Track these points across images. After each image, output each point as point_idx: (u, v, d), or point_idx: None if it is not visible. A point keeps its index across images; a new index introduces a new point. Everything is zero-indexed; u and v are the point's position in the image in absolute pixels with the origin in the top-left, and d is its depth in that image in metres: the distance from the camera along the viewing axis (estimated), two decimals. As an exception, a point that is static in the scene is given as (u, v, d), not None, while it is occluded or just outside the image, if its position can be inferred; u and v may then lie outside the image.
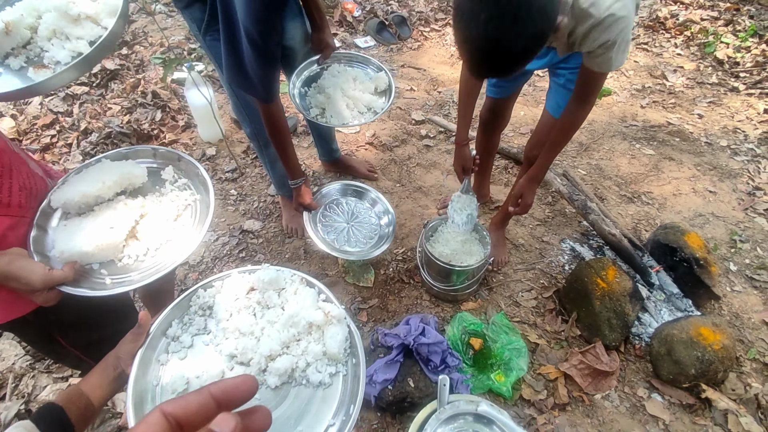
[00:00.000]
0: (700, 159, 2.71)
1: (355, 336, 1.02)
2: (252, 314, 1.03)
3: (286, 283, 1.08)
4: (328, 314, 1.02)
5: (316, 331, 1.02)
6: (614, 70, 1.29)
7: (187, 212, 1.15)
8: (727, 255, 2.21)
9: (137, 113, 2.85)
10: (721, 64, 3.43)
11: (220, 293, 1.05)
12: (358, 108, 1.79)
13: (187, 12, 1.56)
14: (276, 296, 1.05)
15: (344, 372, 0.99)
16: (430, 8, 4.03)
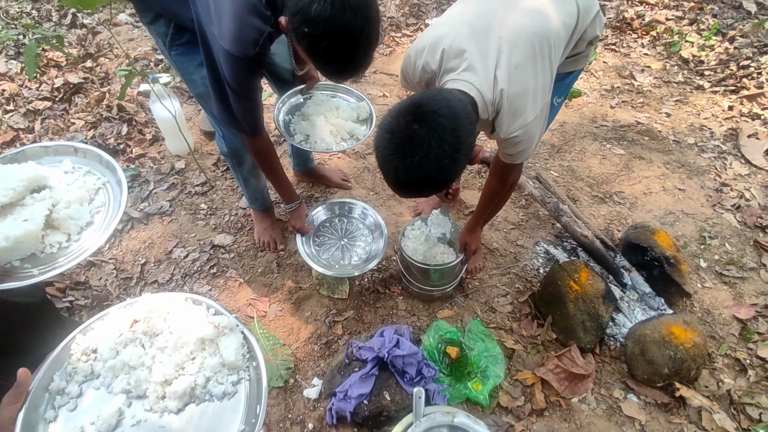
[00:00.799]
0: (669, 157, 2.75)
1: (251, 340, 1.04)
2: (140, 345, 1.01)
3: (171, 306, 1.07)
4: (218, 326, 1.03)
5: (210, 345, 1.02)
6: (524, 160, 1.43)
7: (100, 195, 1.17)
8: (697, 252, 2.25)
9: (102, 128, 2.78)
10: (686, 63, 3.50)
11: (102, 333, 1.01)
12: (341, 134, 1.86)
13: (152, 27, 1.56)
14: (162, 321, 1.04)
15: (247, 377, 1.01)
16: (401, 13, 4.03)
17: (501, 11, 1.29)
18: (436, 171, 1.11)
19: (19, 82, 3.08)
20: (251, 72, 1.39)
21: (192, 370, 0.99)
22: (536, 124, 1.30)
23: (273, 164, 1.78)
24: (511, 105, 1.24)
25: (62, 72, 3.15)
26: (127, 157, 2.65)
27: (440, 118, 1.08)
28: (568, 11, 1.35)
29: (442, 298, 2.01)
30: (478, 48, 1.24)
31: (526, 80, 1.24)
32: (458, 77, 1.24)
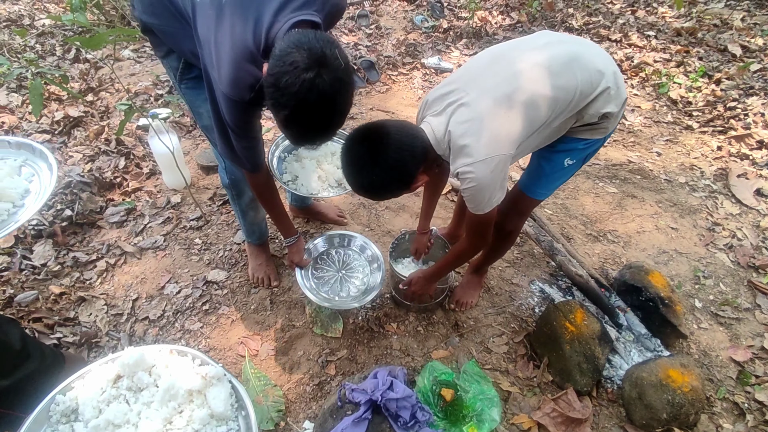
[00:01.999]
0: (661, 196, 2.79)
1: (239, 390, 1.03)
2: (124, 402, 0.99)
3: (155, 359, 1.04)
4: (206, 376, 1.01)
5: (198, 396, 1.00)
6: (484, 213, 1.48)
7: (26, 169, 1.28)
8: (692, 291, 2.25)
9: (100, 161, 2.80)
10: (675, 104, 3.59)
11: (83, 392, 0.98)
12: (329, 181, 1.92)
13: (165, 60, 1.64)
14: (147, 376, 1.02)
15: (236, 428, 0.99)
16: (398, 53, 4.14)
17: (486, 73, 1.44)
18: (368, 184, 1.40)
19: (20, 115, 3.12)
20: (248, 114, 1.42)
21: (180, 425, 0.96)
22: (485, 165, 1.35)
23: (273, 199, 1.80)
24: (456, 143, 1.38)
25: (63, 105, 3.19)
26: (123, 191, 2.66)
27: (383, 145, 1.34)
28: (560, 84, 1.38)
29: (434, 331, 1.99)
30: (447, 100, 1.44)
31: (476, 127, 1.35)
32: (425, 120, 1.49)
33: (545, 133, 1.48)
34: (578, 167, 1.68)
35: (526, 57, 1.43)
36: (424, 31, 4.53)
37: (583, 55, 1.43)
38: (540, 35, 1.56)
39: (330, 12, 1.40)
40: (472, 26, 4.46)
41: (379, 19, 4.72)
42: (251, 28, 1.27)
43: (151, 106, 3.27)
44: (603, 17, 4.75)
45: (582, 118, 1.48)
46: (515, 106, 1.36)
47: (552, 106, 1.39)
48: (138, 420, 0.96)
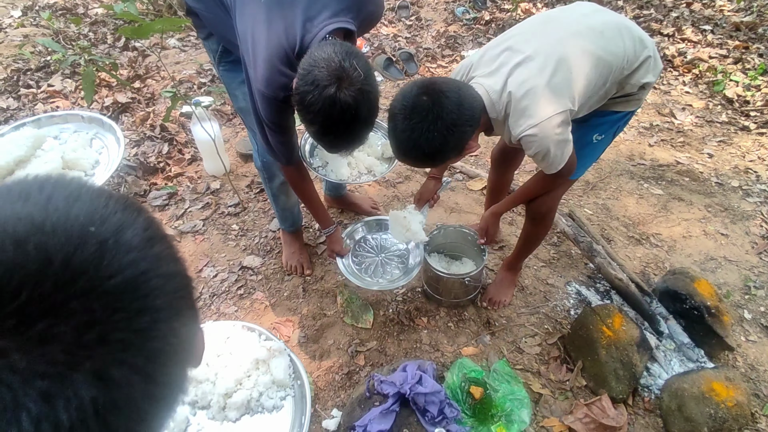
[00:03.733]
0: (711, 200, 2.65)
1: (296, 362, 1.22)
2: (205, 364, 1.18)
3: (230, 332, 1.26)
4: (270, 349, 1.21)
5: (263, 365, 1.20)
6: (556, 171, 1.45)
7: (96, 142, 1.40)
8: (741, 302, 2.13)
9: (145, 146, 2.89)
10: (730, 103, 3.39)
11: None
12: (359, 168, 1.90)
13: (206, 42, 1.73)
14: (223, 344, 1.24)
15: (293, 394, 1.18)
16: (437, 45, 4.09)
17: (540, 32, 1.43)
18: (424, 140, 1.30)
19: (73, 100, 3.26)
20: (282, 111, 1.44)
21: (248, 386, 1.15)
22: (549, 124, 1.33)
23: (307, 191, 1.82)
24: (517, 104, 1.34)
25: (112, 92, 3.32)
26: (165, 176, 2.75)
27: (445, 99, 1.28)
28: (612, 49, 1.39)
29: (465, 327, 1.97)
30: (500, 59, 1.40)
31: (538, 85, 1.32)
32: (475, 81, 1.44)
33: (594, 98, 1.45)
34: (607, 143, 1.67)
35: (581, 20, 1.43)
36: (465, 23, 4.45)
37: (629, 24, 1.47)
38: (584, 4, 1.56)
39: (365, 19, 1.43)
40: (515, 18, 4.35)
41: (420, 11, 4.66)
42: (287, 30, 1.29)
43: (195, 94, 3.35)
44: (655, 10, 4.52)
45: (623, 88, 1.49)
46: (574, 64, 1.35)
47: (606, 70, 1.39)
48: (215, 379, 1.15)
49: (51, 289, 0.28)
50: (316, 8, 1.28)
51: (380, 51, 3.88)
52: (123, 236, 0.33)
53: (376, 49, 3.93)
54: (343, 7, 1.31)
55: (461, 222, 2.45)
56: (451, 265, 2.16)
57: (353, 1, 1.34)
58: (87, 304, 0.29)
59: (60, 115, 1.44)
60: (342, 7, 1.31)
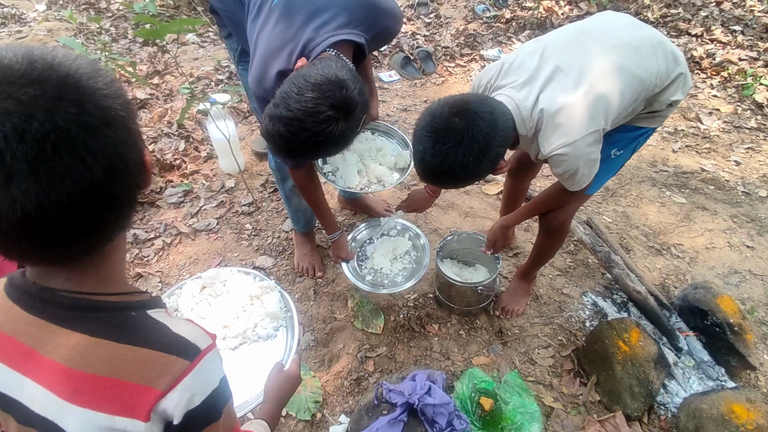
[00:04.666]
0: (737, 210, 2.56)
1: (286, 297, 1.36)
2: (208, 304, 1.35)
3: (228, 276, 1.41)
4: (262, 287, 1.37)
5: (256, 300, 1.35)
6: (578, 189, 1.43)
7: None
8: (766, 318, 2.05)
9: (162, 143, 2.92)
10: (760, 108, 3.27)
11: (181, 297, 1.36)
12: (369, 177, 1.86)
13: (227, 41, 1.79)
14: (222, 286, 1.38)
15: (284, 325, 1.32)
16: (456, 44, 4.03)
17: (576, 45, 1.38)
18: (458, 164, 1.25)
19: (93, 95, 3.30)
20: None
21: (244, 318, 1.30)
22: (583, 143, 1.29)
23: (315, 195, 1.82)
24: (551, 122, 1.30)
25: (131, 87, 3.35)
26: (182, 173, 2.76)
27: (479, 120, 1.23)
28: (646, 66, 1.35)
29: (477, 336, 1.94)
30: (530, 70, 1.35)
31: (573, 102, 1.28)
32: (502, 92, 1.38)
33: (623, 114, 1.40)
34: (626, 158, 1.63)
35: (618, 35, 1.38)
36: (486, 21, 4.38)
37: (663, 39, 1.42)
38: (620, 16, 1.50)
39: (379, 34, 1.40)
40: (536, 17, 4.26)
41: (439, 8, 4.60)
42: (290, 35, 1.28)
43: (212, 91, 3.37)
44: (683, 9, 4.38)
45: (651, 105, 1.45)
46: (609, 81, 1.31)
47: (639, 87, 1.35)
48: (217, 315, 1.30)
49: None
50: (325, 18, 1.27)
51: (398, 49, 3.84)
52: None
53: (394, 47, 3.89)
54: (354, 19, 1.29)
55: (475, 227, 2.42)
56: (464, 271, 2.13)
57: (366, 15, 1.31)
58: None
59: None
60: (352, 19, 1.29)
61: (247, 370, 1.21)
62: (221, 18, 1.64)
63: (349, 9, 1.29)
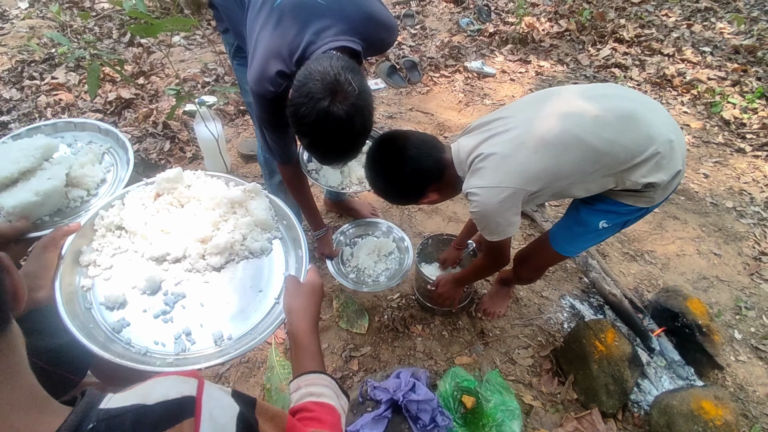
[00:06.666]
0: (705, 219, 2.68)
1: (277, 202, 1.16)
2: (168, 214, 1.06)
3: (191, 179, 1.14)
4: (245, 190, 1.12)
5: (239, 207, 1.10)
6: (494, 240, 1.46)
7: (107, 157, 1.30)
8: (732, 322, 2.16)
9: (146, 143, 2.90)
10: (727, 125, 3.45)
11: (125, 209, 1.07)
12: (350, 178, 1.92)
13: (224, 36, 1.80)
14: (187, 190, 1.11)
15: (280, 235, 1.12)
16: (441, 54, 4.12)
17: (532, 107, 1.43)
18: (379, 187, 1.51)
19: (76, 93, 3.27)
20: (271, 110, 1.43)
21: (228, 229, 1.04)
22: (494, 193, 1.33)
23: (302, 191, 1.84)
24: (475, 165, 1.38)
25: (116, 87, 3.32)
26: (166, 173, 2.75)
27: (398, 154, 1.41)
28: (604, 136, 1.30)
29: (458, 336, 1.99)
30: (487, 126, 1.44)
31: (500, 154, 1.34)
32: (455, 141, 1.50)
33: (582, 183, 1.37)
34: (614, 232, 1.57)
35: (579, 103, 1.36)
36: (469, 34, 4.50)
37: (640, 116, 1.33)
38: (604, 86, 1.49)
39: (374, 43, 1.44)
40: (518, 32, 4.40)
41: (425, 20, 4.71)
42: (291, 36, 1.31)
43: (198, 93, 3.36)
44: (656, 30, 4.59)
45: (623, 183, 1.36)
46: (548, 145, 1.30)
47: (591, 155, 1.31)
48: (187, 228, 1.02)
49: None
50: (325, 23, 1.30)
51: (384, 58, 3.91)
52: None
53: (380, 56, 3.96)
54: (352, 28, 1.33)
55: (458, 231, 2.47)
56: (442, 272, 2.18)
57: (364, 26, 1.36)
58: None
59: (78, 123, 1.34)
60: (350, 28, 1.33)
61: (243, 293, 0.99)
62: (219, 13, 1.67)
63: (349, 18, 1.34)
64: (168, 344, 0.92)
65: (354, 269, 2.02)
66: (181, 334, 0.93)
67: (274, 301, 0.98)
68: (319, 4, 1.32)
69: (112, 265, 1.00)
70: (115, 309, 0.95)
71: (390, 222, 2.17)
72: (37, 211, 1.10)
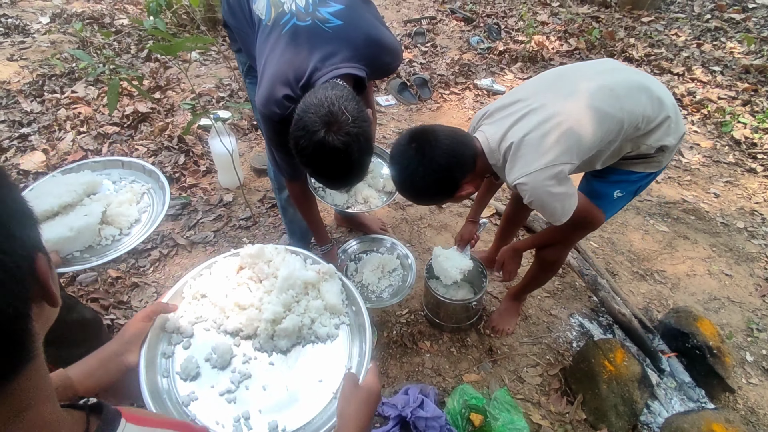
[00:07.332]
0: (716, 239, 2.67)
1: (349, 287, 1.14)
2: (248, 289, 1.09)
3: (272, 255, 1.16)
4: (319, 272, 1.12)
5: (312, 289, 1.11)
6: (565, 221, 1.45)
7: (146, 197, 1.35)
8: (743, 344, 2.14)
9: (162, 156, 2.96)
10: (738, 144, 3.44)
11: (211, 279, 1.12)
12: (356, 197, 1.94)
13: (238, 55, 1.88)
14: (266, 267, 1.13)
15: (347, 321, 1.10)
16: (451, 72, 4.18)
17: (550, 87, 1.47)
18: (409, 184, 1.44)
19: (95, 107, 3.35)
20: (278, 131, 1.47)
21: (298, 311, 1.06)
22: (542, 174, 1.34)
23: (309, 208, 1.89)
24: (515, 154, 1.38)
25: (133, 101, 3.41)
26: (180, 186, 2.80)
27: (431, 148, 1.38)
28: (623, 107, 1.39)
29: (467, 354, 1.99)
30: (508, 110, 1.46)
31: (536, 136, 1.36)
32: (479, 130, 1.51)
33: (606, 153, 1.47)
34: (627, 200, 1.67)
35: (593, 78, 1.46)
36: (479, 52, 4.56)
37: (647, 83, 1.46)
38: (603, 61, 1.59)
39: (379, 68, 1.49)
40: (528, 50, 4.45)
41: (435, 38, 4.78)
42: (298, 62, 1.37)
43: (213, 108, 3.43)
44: (666, 49, 4.62)
45: (638, 148, 1.48)
46: (577, 119, 1.37)
47: (614, 126, 1.39)
48: (260, 305, 1.05)
49: None
50: (330, 50, 1.35)
51: (395, 75, 3.97)
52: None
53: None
54: (357, 54, 1.38)
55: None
56: (448, 289, 2.17)
57: (368, 52, 1.41)
58: None
59: (126, 161, 1.41)
60: (355, 54, 1.38)
61: (304, 380, 0.99)
62: (233, 33, 1.73)
63: (354, 44, 1.38)
64: (227, 426, 0.93)
65: (358, 285, 2.03)
66: (240, 417, 0.94)
67: (332, 396, 0.98)
68: (325, 31, 1.37)
69: (192, 334, 1.04)
70: (188, 380, 0.98)
71: (395, 239, 2.18)
72: (69, 246, 1.15)
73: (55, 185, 1.23)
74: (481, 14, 5.25)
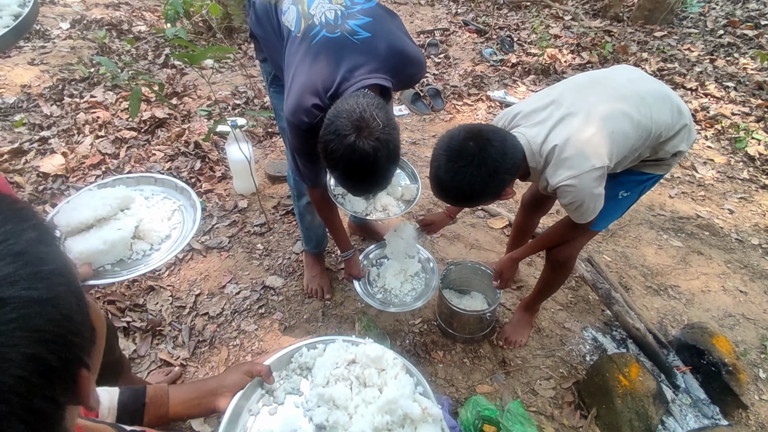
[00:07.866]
0: (731, 256, 2.66)
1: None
2: (348, 387, 1.01)
3: (388, 365, 1.05)
4: (425, 410, 0.97)
5: (410, 425, 0.97)
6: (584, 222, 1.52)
7: (177, 215, 1.37)
8: (757, 361, 2.12)
9: (178, 161, 3.00)
10: (752, 161, 3.43)
11: (322, 357, 1.06)
12: (375, 205, 1.95)
13: (263, 65, 1.91)
14: (376, 375, 1.03)
15: None
16: (464, 83, 4.21)
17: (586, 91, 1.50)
18: (466, 183, 1.38)
19: (113, 112, 3.41)
20: (305, 139, 1.51)
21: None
22: (589, 177, 1.39)
23: (330, 214, 1.92)
24: (559, 156, 1.41)
25: (151, 106, 3.46)
26: (196, 191, 2.82)
27: (491, 147, 1.37)
28: (652, 116, 1.45)
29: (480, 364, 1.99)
30: (545, 111, 1.49)
31: (582, 139, 1.39)
32: (518, 130, 1.51)
33: (629, 158, 1.51)
34: (633, 200, 1.73)
35: (626, 85, 1.51)
36: (492, 64, 4.59)
37: (669, 94, 1.54)
38: (630, 69, 1.64)
39: (404, 78, 1.54)
40: (541, 63, 4.48)
41: (449, 49, 4.82)
42: (327, 73, 1.40)
43: (229, 115, 3.48)
44: (679, 64, 4.63)
45: (656, 153, 1.55)
46: (615, 124, 1.42)
47: (644, 134, 1.46)
48: (354, 413, 0.98)
49: None
50: (358, 61, 1.39)
51: (409, 85, 4.01)
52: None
53: (405, 83, 4.06)
54: (384, 65, 1.42)
55: (480, 258, 2.49)
56: (462, 299, 2.19)
57: (394, 63, 1.44)
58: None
59: (159, 178, 1.45)
60: (382, 66, 1.41)
61: None
62: (259, 44, 1.77)
63: (381, 56, 1.42)
64: None
65: (381, 290, 2.03)
66: None
67: None
68: (354, 42, 1.41)
69: (283, 402, 1.01)
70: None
71: (419, 244, 2.18)
72: (102, 258, 1.18)
73: (91, 198, 1.27)
74: (494, 26, 5.30)
